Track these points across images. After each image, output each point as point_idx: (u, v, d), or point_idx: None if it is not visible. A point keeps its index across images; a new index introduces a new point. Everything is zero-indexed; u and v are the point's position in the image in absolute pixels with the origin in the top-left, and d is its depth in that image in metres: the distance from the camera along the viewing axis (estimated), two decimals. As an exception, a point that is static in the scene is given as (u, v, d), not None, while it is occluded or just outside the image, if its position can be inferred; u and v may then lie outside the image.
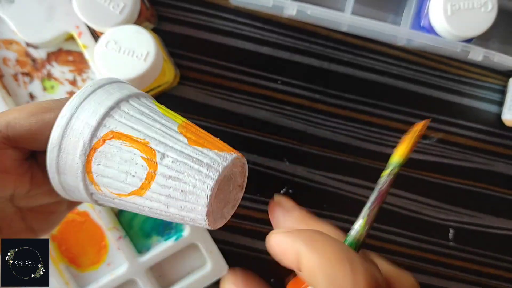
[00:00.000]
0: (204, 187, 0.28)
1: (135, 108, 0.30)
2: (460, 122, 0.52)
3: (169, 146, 0.29)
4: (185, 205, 0.29)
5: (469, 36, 0.43)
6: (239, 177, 0.32)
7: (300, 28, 0.51)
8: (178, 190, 0.28)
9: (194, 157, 0.29)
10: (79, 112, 0.29)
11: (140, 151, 0.29)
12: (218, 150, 0.29)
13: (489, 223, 0.53)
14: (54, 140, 0.29)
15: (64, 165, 0.29)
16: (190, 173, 0.28)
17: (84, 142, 0.29)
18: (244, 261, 0.52)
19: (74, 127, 0.29)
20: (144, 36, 0.40)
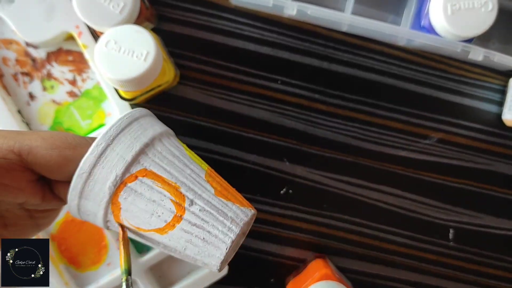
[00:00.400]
0: (226, 240, 0.30)
1: (167, 148, 0.31)
2: (460, 122, 0.52)
3: (198, 194, 0.30)
4: (203, 251, 0.30)
5: (470, 36, 0.43)
6: (246, 227, 0.34)
7: (300, 28, 0.51)
8: (200, 238, 0.30)
9: (220, 209, 0.30)
10: (115, 143, 0.30)
11: (171, 194, 0.30)
12: (239, 205, 0.31)
13: (489, 223, 0.53)
14: (85, 166, 0.30)
15: (89, 191, 0.30)
16: (215, 224, 0.30)
17: (116, 175, 0.30)
18: (244, 261, 0.52)
19: (108, 158, 0.30)
20: (144, 36, 0.40)
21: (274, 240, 0.52)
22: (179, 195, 0.30)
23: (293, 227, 0.52)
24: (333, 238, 0.52)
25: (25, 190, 0.31)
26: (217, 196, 0.31)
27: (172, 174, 0.30)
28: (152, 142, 0.31)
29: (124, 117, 0.31)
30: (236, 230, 0.30)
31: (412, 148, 0.52)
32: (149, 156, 0.30)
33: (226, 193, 0.31)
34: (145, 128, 0.32)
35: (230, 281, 0.51)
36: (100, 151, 0.30)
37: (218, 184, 0.32)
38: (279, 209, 0.52)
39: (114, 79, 0.40)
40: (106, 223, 0.32)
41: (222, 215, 0.30)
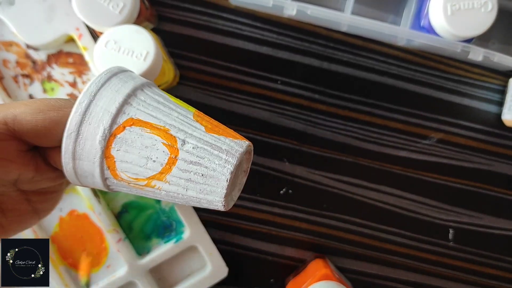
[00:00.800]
0: (224, 171, 0.30)
1: (150, 96, 0.32)
2: (460, 122, 0.52)
3: (189, 133, 0.30)
4: (204, 188, 0.30)
5: (469, 36, 0.43)
6: (245, 163, 0.34)
7: (300, 28, 0.51)
8: (199, 174, 0.30)
9: (213, 144, 0.30)
10: (97, 99, 0.30)
11: (161, 137, 0.30)
12: (232, 138, 0.31)
13: (489, 223, 0.53)
14: (72, 126, 0.30)
15: (81, 150, 0.30)
16: (211, 159, 0.30)
17: (104, 128, 0.30)
18: (244, 261, 0.52)
19: (93, 113, 0.30)
20: (143, 36, 0.40)
21: (274, 240, 0.52)
22: (170, 137, 0.30)
23: (293, 227, 0.52)
24: (333, 238, 0.52)
25: (16, 161, 0.31)
26: (208, 133, 0.31)
27: (159, 118, 0.30)
28: (134, 92, 0.31)
29: (102, 74, 0.31)
30: (232, 161, 0.30)
31: (412, 148, 0.52)
32: (133, 106, 0.30)
33: (217, 129, 0.31)
34: (125, 81, 0.32)
35: (230, 281, 0.51)
36: (83, 108, 0.30)
37: (207, 122, 0.32)
38: (279, 209, 0.52)
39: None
40: (105, 182, 0.32)
41: (216, 149, 0.30)
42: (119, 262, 0.49)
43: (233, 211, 0.52)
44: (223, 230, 0.52)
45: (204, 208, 0.32)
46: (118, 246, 0.49)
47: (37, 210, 0.34)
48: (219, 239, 0.51)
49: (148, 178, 0.31)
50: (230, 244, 0.52)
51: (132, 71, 0.34)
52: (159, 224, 0.50)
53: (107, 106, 0.30)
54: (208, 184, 0.30)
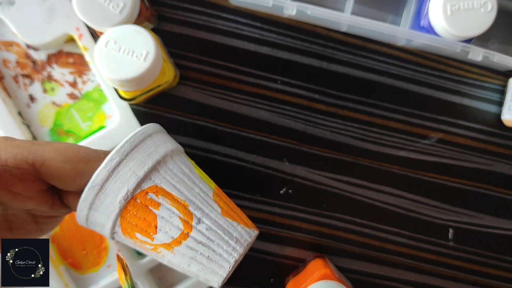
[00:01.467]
0: (229, 259, 0.31)
1: (178, 166, 0.32)
2: (459, 122, 0.52)
3: (206, 212, 0.31)
4: (206, 268, 0.31)
5: (469, 36, 0.43)
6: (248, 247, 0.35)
7: (300, 28, 0.51)
8: (205, 256, 0.31)
9: (226, 229, 0.31)
10: (128, 159, 0.31)
11: (179, 211, 0.31)
12: (244, 225, 0.32)
13: (488, 223, 0.53)
14: (98, 179, 0.30)
15: (99, 204, 0.31)
16: (220, 243, 0.31)
17: (128, 190, 0.30)
18: (244, 261, 0.52)
19: (121, 172, 0.30)
20: (143, 36, 0.40)
21: (273, 240, 0.52)
22: (188, 213, 0.31)
23: (292, 227, 0.52)
24: (333, 238, 0.52)
25: (35, 199, 0.31)
26: (223, 216, 0.32)
27: (182, 192, 0.31)
28: (164, 159, 0.32)
29: (138, 133, 0.32)
30: (240, 250, 0.31)
31: (411, 148, 0.52)
32: (161, 173, 0.31)
33: (232, 213, 0.32)
34: (158, 144, 0.32)
35: (229, 281, 0.51)
36: (113, 165, 0.30)
37: (224, 204, 0.33)
38: (278, 209, 0.52)
39: (113, 79, 0.40)
40: (112, 234, 0.32)
41: (227, 235, 0.31)
42: (119, 262, 0.50)
43: (233, 211, 0.52)
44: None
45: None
46: (119, 246, 0.49)
47: (42, 229, 0.35)
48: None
49: (156, 245, 0.31)
50: (230, 244, 0.52)
51: (165, 132, 0.35)
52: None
53: (136, 169, 0.30)
54: (211, 267, 0.31)
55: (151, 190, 0.31)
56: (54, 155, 0.31)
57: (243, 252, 0.31)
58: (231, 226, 0.31)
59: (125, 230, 0.31)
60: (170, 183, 0.31)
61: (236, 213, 0.33)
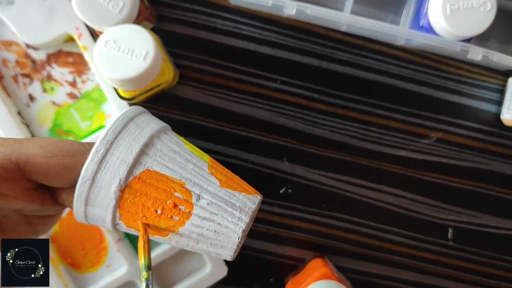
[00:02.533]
0: (237, 229, 0.30)
1: (167, 145, 0.31)
2: (459, 121, 0.52)
3: (204, 188, 0.30)
4: (215, 243, 0.31)
5: (468, 35, 0.43)
6: (254, 213, 0.34)
7: (300, 28, 0.51)
8: (211, 230, 0.30)
9: (227, 200, 0.30)
10: (114, 148, 0.30)
11: (177, 191, 0.30)
12: (246, 193, 0.31)
13: (488, 222, 0.53)
14: (87, 174, 0.29)
15: (94, 198, 0.30)
16: (224, 215, 0.30)
17: (120, 179, 0.29)
18: (244, 261, 0.52)
19: (109, 163, 0.29)
20: (143, 36, 0.40)
21: (273, 240, 0.52)
22: (185, 191, 0.30)
23: (292, 226, 0.52)
24: (332, 237, 0.52)
25: (23, 198, 0.31)
26: (223, 188, 0.31)
27: (176, 171, 0.30)
28: (151, 141, 0.31)
29: (119, 119, 0.31)
30: (245, 219, 0.30)
31: (411, 147, 0.52)
32: (150, 156, 0.30)
33: (231, 183, 0.31)
34: (142, 127, 0.31)
35: (229, 281, 0.51)
36: (100, 157, 0.29)
37: (222, 175, 0.32)
38: (278, 208, 0.52)
39: (113, 79, 0.40)
40: (115, 226, 0.32)
41: (230, 206, 0.30)
42: (119, 261, 0.50)
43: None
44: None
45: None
46: (118, 246, 0.49)
47: (36, 231, 0.34)
48: (218, 238, 0.51)
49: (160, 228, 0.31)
50: (229, 243, 0.52)
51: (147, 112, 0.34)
52: (159, 223, 0.50)
53: (124, 156, 0.30)
54: (220, 240, 0.30)
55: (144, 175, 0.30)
56: (38, 151, 0.30)
57: (249, 221, 0.31)
58: (232, 196, 0.31)
59: (126, 220, 0.31)
60: (162, 164, 0.30)
61: (235, 182, 0.32)
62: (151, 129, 0.32)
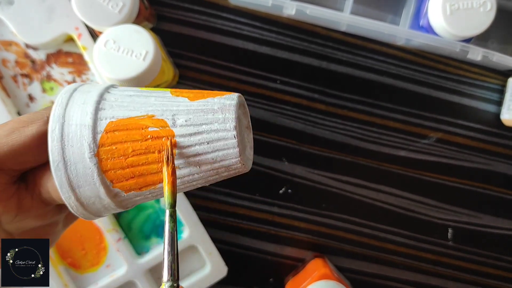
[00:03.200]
0: (228, 128, 0.28)
1: (120, 94, 0.30)
2: (459, 121, 0.52)
3: (174, 109, 0.28)
4: (216, 155, 0.28)
5: (468, 35, 0.43)
6: (244, 118, 0.32)
7: (299, 28, 0.51)
8: (204, 143, 0.28)
9: (204, 109, 0.28)
10: (67, 119, 0.28)
11: (150, 125, 0.28)
12: (220, 96, 0.29)
13: (488, 222, 0.53)
14: (55, 156, 0.28)
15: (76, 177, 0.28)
16: (208, 123, 0.28)
17: (88, 143, 0.28)
18: (244, 261, 0.52)
19: (70, 134, 0.28)
20: (143, 36, 0.40)
21: (273, 240, 0.52)
22: (158, 121, 0.28)
23: (292, 226, 0.52)
24: (332, 237, 0.52)
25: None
26: (194, 101, 0.28)
27: (139, 109, 0.28)
28: (102, 97, 0.29)
29: (62, 93, 0.29)
30: (231, 115, 0.28)
31: (411, 147, 0.52)
32: (107, 109, 0.29)
33: (200, 95, 0.29)
34: (88, 91, 0.30)
35: (229, 281, 0.51)
36: (58, 133, 0.28)
37: (188, 93, 0.30)
38: (278, 208, 0.52)
39: (113, 79, 0.40)
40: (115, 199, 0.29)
41: (209, 112, 0.28)
42: (119, 261, 0.49)
43: (232, 210, 0.52)
44: (222, 229, 0.52)
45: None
46: (118, 246, 0.49)
47: None
48: (218, 238, 0.51)
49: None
50: (229, 243, 0.52)
51: (90, 82, 0.32)
52: (158, 223, 0.50)
53: (81, 120, 0.28)
54: (218, 149, 0.28)
55: (110, 127, 0.28)
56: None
57: (236, 117, 0.28)
58: (207, 103, 0.28)
59: (120, 183, 0.29)
60: (123, 110, 0.28)
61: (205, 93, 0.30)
62: (98, 89, 0.30)
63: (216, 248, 0.50)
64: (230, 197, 0.52)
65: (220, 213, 0.52)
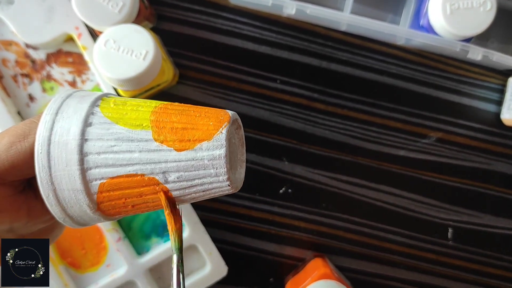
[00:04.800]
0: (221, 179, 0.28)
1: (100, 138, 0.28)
2: (459, 121, 0.52)
3: (163, 166, 0.27)
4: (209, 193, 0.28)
5: (468, 35, 0.43)
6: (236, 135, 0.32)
7: (299, 27, 0.51)
8: (199, 192, 0.28)
9: (194, 164, 0.27)
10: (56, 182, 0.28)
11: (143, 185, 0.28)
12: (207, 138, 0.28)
13: (488, 222, 0.53)
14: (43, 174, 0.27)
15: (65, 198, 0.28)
16: (201, 177, 0.28)
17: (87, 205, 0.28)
18: (244, 261, 0.52)
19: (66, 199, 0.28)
20: (143, 35, 0.40)
21: (273, 240, 0.52)
22: (149, 180, 0.28)
23: (292, 226, 0.52)
24: (332, 237, 0.52)
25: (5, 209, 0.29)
26: (181, 152, 0.27)
27: (125, 167, 0.27)
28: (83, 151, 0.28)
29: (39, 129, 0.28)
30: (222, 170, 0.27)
31: (411, 147, 0.52)
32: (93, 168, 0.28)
33: (188, 134, 0.28)
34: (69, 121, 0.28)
35: (229, 281, 0.51)
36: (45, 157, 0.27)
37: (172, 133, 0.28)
38: (278, 208, 0.52)
39: (113, 78, 0.40)
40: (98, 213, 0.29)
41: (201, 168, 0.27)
42: (119, 261, 0.49)
43: (233, 210, 0.52)
44: (222, 229, 0.52)
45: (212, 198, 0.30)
46: (118, 246, 0.49)
47: None
48: (218, 238, 0.51)
49: None
50: (229, 243, 0.52)
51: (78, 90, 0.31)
52: (159, 223, 0.50)
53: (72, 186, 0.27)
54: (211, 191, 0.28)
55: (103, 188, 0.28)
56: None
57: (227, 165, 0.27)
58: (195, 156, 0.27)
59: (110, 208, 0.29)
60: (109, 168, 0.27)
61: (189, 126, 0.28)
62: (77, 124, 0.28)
63: (216, 248, 0.50)
64: (230, 196, 0.52)
65: (220, 213, 0.52)
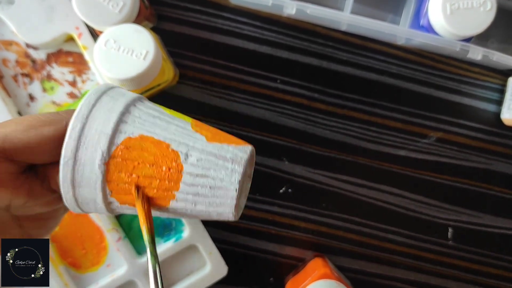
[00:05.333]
0: (232, 180, 0.29)
1: (144, 111, 0.30)
2: (459, 121, 0.52)
3: (190, 145, 0.29)
4: (213, 200, 0.29)
5: (468, 35, 0.43)
6: (249, 168, 0.33)
7: (300, 27, 0.51)
8: (206, 187, 0.29)
9: (217, 154, 0.29)
10: (90, 121, 0.29)
11: (163, 155, 0.29)
12: (235, 144, 0.30)
13: (488, 222, 0.53)
14: (68, 153, 0.28)
15: (80, 178, 0.29)
16: (217, 169, 0.29)
17: (102, 151, 0.28)
18: (244, 261, 0.52)
19: (88, 137, 0.28)
20: (143, 35, 0.40)
21: (273, 239, 0.52)
22: (172, 152, 0.29)
23: (292, 226, 0.52)
24: (332, 237, 0.52)
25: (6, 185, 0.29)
26: (210, 142, 0.29)
27: (158, 134, 0.29)
28: (127, 109, 0.30)
29: (91, 93, 0.30)
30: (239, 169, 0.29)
31: (411, 147, 0.52)
32: (129, 123, 0.29)
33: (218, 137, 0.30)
34: (116, 98, 0.30)
35: (229, 280, 0.51)
36: (77, 133, 0.28)
37: (207, 131, 0.30)
38: (278, 208, 0.52)
39: (113, 78, 0.40)
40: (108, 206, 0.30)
41: (221, 159, 0.29)
42: (119, 261, 0.49)
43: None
44: (222, 229, 0.52)
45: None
46: (118, 245, 0.49)
47: (30, 235, 0.33)
48: (218, 238, 0.51)
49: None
50: (229, 243, 0.52)
51: (120, 87, 0.33)
52: (159, 223, 0.50)
53: (102, 127, 0.29)
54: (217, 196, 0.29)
55: (126, 143, 0.29)
56: (15, 127, 0.29)
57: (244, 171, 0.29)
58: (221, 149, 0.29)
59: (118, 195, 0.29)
60: (143, 129, 0.29)
61: (222, 136, 0.31)
62: (125, 99, 0.30)
63: (216, 247, 0.50)
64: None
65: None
